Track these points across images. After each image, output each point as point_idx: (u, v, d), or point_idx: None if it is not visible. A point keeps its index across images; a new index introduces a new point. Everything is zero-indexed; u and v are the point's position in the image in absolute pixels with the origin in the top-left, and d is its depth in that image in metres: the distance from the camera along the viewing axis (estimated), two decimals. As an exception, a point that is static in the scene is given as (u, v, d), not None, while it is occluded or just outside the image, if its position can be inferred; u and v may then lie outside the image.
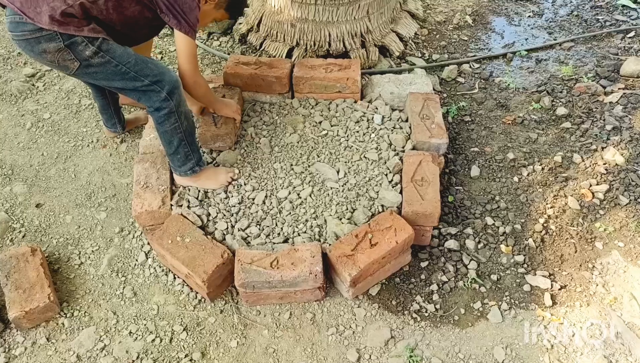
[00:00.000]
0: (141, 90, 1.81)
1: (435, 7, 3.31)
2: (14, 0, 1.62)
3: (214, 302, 1.97)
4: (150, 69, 1.79)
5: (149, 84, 1.79)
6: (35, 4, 1.61)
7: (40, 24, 1.61)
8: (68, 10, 1.61)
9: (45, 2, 1.61)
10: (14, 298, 1.86)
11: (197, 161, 2.03)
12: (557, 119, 2.55)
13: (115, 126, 2.44)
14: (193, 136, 2.00)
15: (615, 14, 3.18)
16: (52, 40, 1.64)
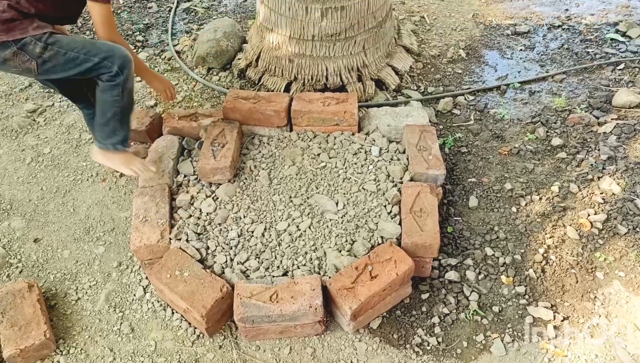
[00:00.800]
0: (94, 69, 1.92)
1: (429, 41, 3.39)
2: None
3: (213, 337, 1.94)
4: (98, 48, 1.91)
5: (99, 61, 1.90)
6: None
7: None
8: (4, 16, 1.76)
9: None
10: (9, 336, 1.83)
11: (122, 139, 2.13)
12: (552, 150, 2.58)
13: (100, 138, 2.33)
14: (129, 115, 2.11)
15: (604, 47, 3.27)
16: (7, 48, 1.81)
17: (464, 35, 3.46)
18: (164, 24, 3.62)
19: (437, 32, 3.49)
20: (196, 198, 2.21)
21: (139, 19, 3.67)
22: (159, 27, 3.60)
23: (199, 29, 3.48)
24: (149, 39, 3.48)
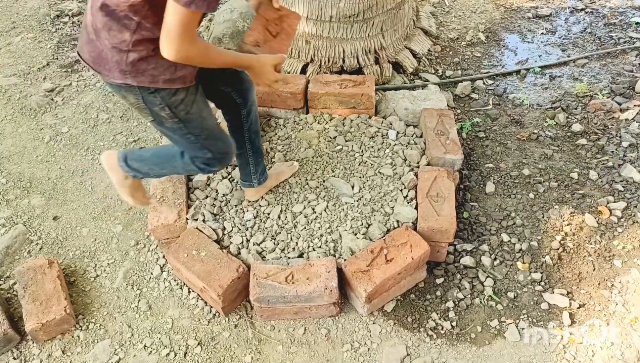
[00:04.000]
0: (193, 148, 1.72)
1: (448, 24, 3.33)
2: (89, 62, 1.52)
3: (228, 317, 1.97)
4: (218, 147, 1.72)
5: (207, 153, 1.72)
6: (104, 62, 1.47)
7: (116, 81, 1.48)
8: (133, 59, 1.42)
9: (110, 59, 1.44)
10: (30, 310, 1.88)
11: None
12: (572, 136, 2.54)
13: (250, 180, 2.05)
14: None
15: (629, 31, 3.18)
16: (130, 93, 1.52)
17: (483, 18, 3.39)
18: (179, 4, 3.60)
19: (456, 14, 3.42)
20: (212, 178, 2.22)
21: (155, -1, 3.66)
22: (175, 7, 3.58)
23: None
24: (165, 19, 3.47)
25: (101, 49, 1.45)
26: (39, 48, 3.24)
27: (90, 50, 1.49)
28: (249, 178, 2.04)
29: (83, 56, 1.54)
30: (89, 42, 1.49)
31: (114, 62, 1.45)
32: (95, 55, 1.48)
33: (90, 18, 1.45)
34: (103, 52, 1.46)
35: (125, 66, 1.44)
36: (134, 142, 2.64)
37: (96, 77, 3.00)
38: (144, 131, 2.69)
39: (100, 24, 1.41)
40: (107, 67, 1.48)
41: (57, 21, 3.46)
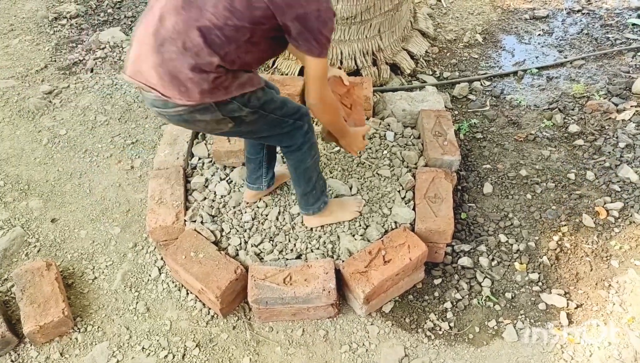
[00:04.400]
0: (285, 132, 1.69)
1: (446, 25, 3.34)
2: (155, 85, 1.44)
3: (227, 318, 1.97)
4: (289, 107, 1.67)
5: (293, 122, 1.68)
6: (177, 85, 1.42)
7: (191, 101, 1.44)
8: (213, 78, 1.42)
9: (189, 80, 1.40)
10: (28, 313, 1.87)
11: (325, 190, 1.95)
12: (569, 137, 2.55)
13: (259, 183, 2.04)
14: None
15: (625, 32, 3.20)
16: (207, 112, 1.48)
17: (481, 19, 3.40)
18: (177, 6, 3.61)
19: (454, 16, 3.43)
20: (210, 180, 2.22)
21: (153, 1, 3.66)
22: (173, 9, 3.59)
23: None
24: (163, 22, 3.47)
25: (180, 70, 1.39)
26: (36, 50, 3.24)
27: (163, 72, 1.41)
28: (258, 181, 2.04)
29: (146, 79, 1.44)
30: (161, 63, 1.40)
31: (194, 83, 1.40)
32: (169, 77, 1.41)
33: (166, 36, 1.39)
34: (182, 73, 1.39)
35: (207, 85, 1.41)
36: (132, 144, 2.64)
37: (94, 79, 3.01)
38: (142, 133, 2.69)
39: (190, 44, 1.37)
40: (181, 89, 1.41)
41: (55, 23, 3.46)
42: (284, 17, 1.38)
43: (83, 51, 3.22)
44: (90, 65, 3.10)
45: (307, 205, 1.95)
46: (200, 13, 1.36)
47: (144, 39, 1.43)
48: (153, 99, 1.49)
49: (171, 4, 1.40)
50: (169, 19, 1.38)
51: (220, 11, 1.35)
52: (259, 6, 1.35)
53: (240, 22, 1.36)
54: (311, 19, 1.38)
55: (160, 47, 1.39)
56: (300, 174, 1.84)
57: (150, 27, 1.42)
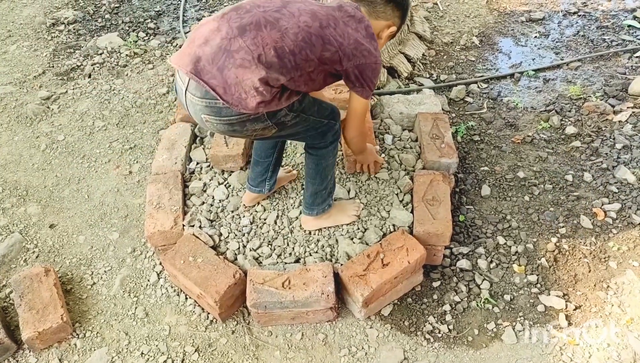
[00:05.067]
0: (320, 132, 1.76)
1: (442, 28, 3.36)
2: (216, 86, 1.49)
3: (226, 323, 1.96)
4: (323, 108, 1.75)
5: (327, 122, 1.75)
6: (239, 91, 1.48)
7: (246, 110, 1.50)
8: (274, 92, 1.51)
9: (253, 89, 1.47)
10: (27, 319, 1.87)
11: (332, 193, 1.98)
12: (566, 138, 2.56)
13: (263, 186, 2.06)
14: None
15: (621, 34, 3.21)
16: (258, 121, 1.56)
17: (477, 22, 3.41)
18: (175, 11, 3.62)
19: (450, 19, 3.45)
20: (209, 185, 2.23)
21: (150, 6, 3.67)
22: (171, 14, 3.60)
23: (210, 15, 3.47)
24: (161, 27, 3.48)
25: (249, 77, 1.46)
26: (34, 56, 3.25)
27: (229, 75, 1.47)
28: (261, 184, 2.04)
29: (208, 79, 1.49)
30: (230, 67, 1.47)
31: (257, 93, 1.47)
32: (235, 82, 1.47)
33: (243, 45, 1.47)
34: (249, 80, 1.46)
35: (268, 97, 1.49)
36: (130, 149, 2.64)
37: (92, 85, 3.01)
38: (140, 138, 2.70)
39: (264, 58, 1.46)
40: (242, 96, 1.48)
41: (53, 29, 3.47)
42: (348, 64, 1.56)
43: (81, 56, 3.23)
44: (88, 70, 3.11)
45: (313, 205, 1.95)
46: (281, 36, 1.49)
47: (214, 40, 1.49)
48: (205, 106, 1.54)
49: (254, 19, 1.50)
50: (250, 31, 1.48)
51: (298, 41, 1.50)
52: (330, 49, 1.53)
53: (312, 55, 1.52)
54: (368, 69, 1.60)
55: (235, 53, 1.47)
56: (320, 171, 1.87)
57: (224, 32, 1.49)
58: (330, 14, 1.57)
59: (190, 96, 1.55)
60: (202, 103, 1.53)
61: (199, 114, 1.58)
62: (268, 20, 1.50)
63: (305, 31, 1.51)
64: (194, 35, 1.55)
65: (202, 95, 1.52)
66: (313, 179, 1.90)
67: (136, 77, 3.06)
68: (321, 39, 1.52)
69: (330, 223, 2.02)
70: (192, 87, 1.53)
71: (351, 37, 1.55)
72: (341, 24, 1.56)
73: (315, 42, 1.51)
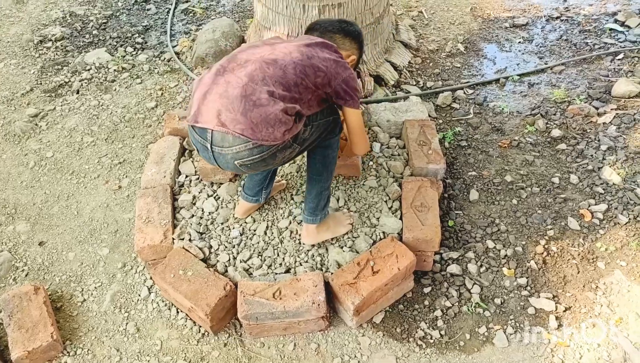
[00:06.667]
0: (330, 129, 1.86)
1: (428, 36, 3.39)
2: (244, 130, 1.58)
3: (218, 335, 1.96)
4: (324, 109, 1.81)
5: (332, 118, 1.85)
6: (265, 126, 1.58)
7: (275, 142, 1.61)
8: (292, 119, 1.63)
9: (278, 121, 1.59)
10: (16, 338, 1.86)
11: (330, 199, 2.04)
12: (552, 141, 2.59)
13: (260, 195, 2.09)
14: None
15: (603, 37, 3.26)
16: (286, 148, 1.68)
17: (462, 29, 3.46)
18: (162, 25, 3.64)
19: (435, 26, 3.49)
20: (198, 197, 2.23)
21: (138, 21, 3.69)
22: (158, 28, 3.61)
23: (197, 29, 3.49)
24: (148, 41, 3.49)
25: (271, 111, 1.59)
26: (22, 74, 3.25)
27: (254, 116, 1.58)
28: (259, 194, 2.06)
29: (234, 127, 1.58)
30: (251, 109, 1.58)
31: (282, 123, 1.60)
32: (260, 119, 1.58)
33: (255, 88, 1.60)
34: (272, 114, 1.58)
35: (290, 125, 1.62)
36: (119, 164, 2.64)
37: (80, 101, 3.01)
38: (129, 152, 2.70)
39: (277, 94, 1.61)
40: (269, 130, 1.59)
41: (41, 46, 3.47)
42: (335, 82, 1.74)
43: (69, 73, 3.23)
44: (76, 87, 3.11)
45: (317, 209, 1.95)
46: (283, 73, 1.65)
47: (228, 92, 1.61)
48: (236, 153, 1.63)
49: (257, 65, 1.64)
50: (257, 75, 1.63)
51: (297, 74, 1.66)
52: (320, 75, 1.70)
53: (309, 83, 1.69)
54: (351, 80, 1.77)
55: (251, 96, 1.60)
56: (327, 165, 1.92)
57: (234, 82, 1.62)
58: (309, 46, 1.76)
59: (218, 150, 1.65)
60: (233, 151, 1.63)
61: (231, 163, 1.67)
62: (268, 62, 1.66)
63: (299, 65, 1.67)
64: (202, 92, 1.65)
65: (230, 144, 1.62)
66: (319, 176, 1.92)
67: (124, 92, 3.07)
68: (312, 68, 1.69)
69: (329, 234, 2.03)
70: (217, 140, 1.62)
71: (329, 60, 1.74)
72: (319, 52, 1.75)
73: (309, 71, 1.68)
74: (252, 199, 2.07)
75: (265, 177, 2.04)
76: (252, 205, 2.10)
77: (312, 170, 1.93)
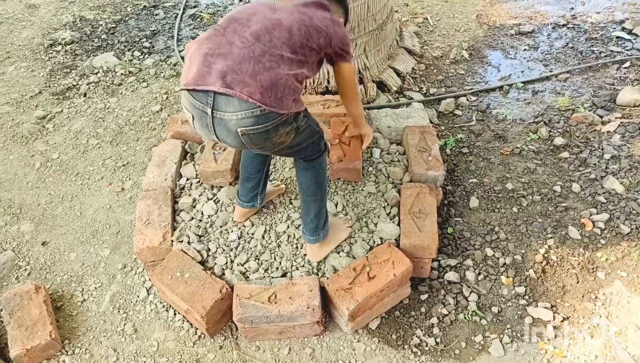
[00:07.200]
0: (315, 141, 1.79)
1: (432, 42, 3.40)
2: (252, 94, 1.48)
3: (214, 338, 1.97)
4: (314, 120, 1.79)
5: (319, 131, 1.80)
6: (275, 92, 1.50)
7: (283, 110, 1.52)
8: (300, 88, 1.59)
9: (288, 87, 1.52)
10: (15, 336, 1.88)
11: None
12: (555, 149, 2.57)
13: (255, 200, 2.08)
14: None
15: (610, 45, 3.24)
16: (287, 124, 1.58)
17: (467, 36, 3.46)
18: (170, 30, 3.69)
19: (440, 33, 3.49)
20: (198, 200, 2.25)
21: (146, 26, 3.74)
22: (166, 33, 3.66)
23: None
24: (156, 46, 3.54)
25: (282, 76, 1.52)
26: (31, 77, 3.31)
27: (264, 79, 1.49)
28: (254, 199, 2.07)
29: (240, 89, 1.48)
30: (262, 72, 1.49)
31: (291, 91, 1.54)
32: (270, 84, 1.49)
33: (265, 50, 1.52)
34: (282, 79, 1.51)
35: (298, 95, 1.57)
36: (123, 166, 2.67)
37: (87, 104, 3.06)
38: (133, 155, 2.73)
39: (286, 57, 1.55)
40: (277, 97, 1.50)
41: (51, 50, 3.54)
42: (334, 41, 1.72)
43: (77, 76, 3.29)
44: (83, 89, 3.16)
45: (318, 228, 1.93)
46: (289, 35, 1.58)
47: (232, 52, 1.50)
48: (240, 118, 1.50)
49: (261, 25, 1.57)
50: (264, 35, 1.55)
51: (302, 35, 1.61)
52: (322, 34, 1.67)
53: (314, 44, 1.64)
54: (345, 37, 1.77)
55: (260, 58, 1.51)
56: (319, 183, 1.88)
57: (239, 42, 1.52)
58: (307, 7, 1.73)
59: (220, 115, 1.52)
60: (238, 116, 1.50)
61: (233, 130, 1.54)
62: (273, 22, 1.58)
63: (303, 25, 1.62)
64: (202, 53, 1.53)
65: (235, 109, 1.49)
66: (314, 196, 1.89)
67: (130, 95, 3.11)
68: (314, 29, 1.64)
69: (333, 244, 2.02)
70: (221, 104, 1.50)
71: (327, 19, 1.72)
72: (317, 12, 1.72)
73: (312, 32, 1.64)
74: (248, 204, 2.08)
75: (257, 184, 2.03)
76: (248, 210, 2.11)
77: (306, 192, 1.89)
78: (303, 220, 1.95)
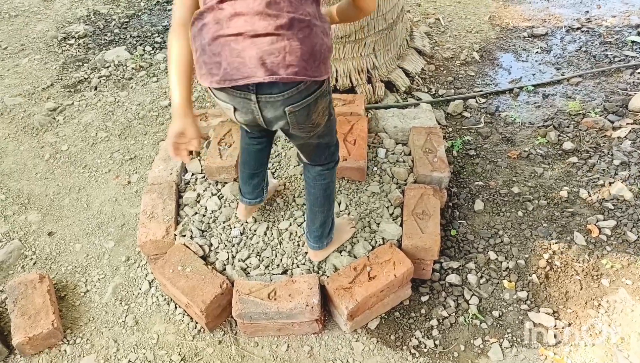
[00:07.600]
0: (332, 128, 1.73)
1: (443, 43, 3.37)
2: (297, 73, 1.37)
3: (213, 332, 1.98)
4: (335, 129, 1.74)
5: (336, 133, 1.75)
6: (313, 59, 1.38)
7: (321, 77, 1.42)
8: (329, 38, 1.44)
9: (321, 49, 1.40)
10: (19, 324, 1.91)
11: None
12: (563, 154, 2.54)
13: (262, 195, 2.07)
14: None
15: (624, 49, 3.19)
16: (324, 96, 1.49)
17: (478, 37, 3.42)
18: (181, 26, 3.71)
19: (452, 34, 3.46)
20: (202, 195, 2.26)
21: (159, 21, 3.77)
22: (177, 29, 3.68)
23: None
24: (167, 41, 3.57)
25: (315, 44, 1.38)
26: (44, 69, 3.35)
27: (303, 53, 1.36)
28: (260, 194, 2.06)
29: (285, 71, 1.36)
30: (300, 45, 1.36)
31: (326, 50, 1.41)
32: (308, 56, 1.37)
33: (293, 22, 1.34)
34: (317, 45, 1.39)
35: (328, 52, 1.43)
36: (130, 160, 2.70)
37: (97, 97, 3.10)
38: (141, 149, 2.75)
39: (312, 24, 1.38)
40: (315, 63, 1.39)
41: (64, 43, 3.58)
42: None
43: (89, 69, 3.33)
44: (94, 83, 3.20)
45: (322, 237, 1.92)
46: None
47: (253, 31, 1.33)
48: (286, 98, 1.42)
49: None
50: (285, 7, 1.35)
51: None
52: None
53: None
54: None
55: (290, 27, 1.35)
56: (329, 196, 1.85)
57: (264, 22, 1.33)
58: None
59: (265, 98, 1.42)
60: (284, 96, 1.41)
61: (280, 110, 1.45)
62: None
63: None
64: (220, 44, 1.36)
65: (280, 89, 1.40)
66: (322, 207, 1.87)
67: (140, 89, 3.14)
68: None
69: (336, 245, 2.01)
70: (265, 87, 1.40)
71: None
72: None
73: None
74: (255, 201, 2.07)
75: (262, 179, 2.02)
76: (252, 207, 2.11)
77: (314, 203, 1.87)
78: (308, 227, 1.94)
